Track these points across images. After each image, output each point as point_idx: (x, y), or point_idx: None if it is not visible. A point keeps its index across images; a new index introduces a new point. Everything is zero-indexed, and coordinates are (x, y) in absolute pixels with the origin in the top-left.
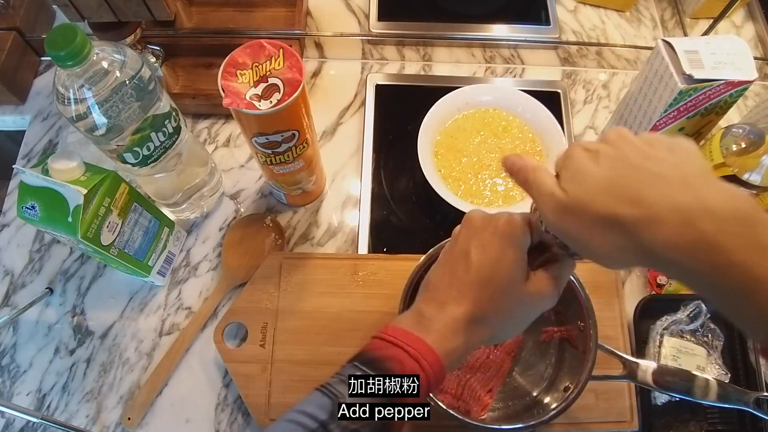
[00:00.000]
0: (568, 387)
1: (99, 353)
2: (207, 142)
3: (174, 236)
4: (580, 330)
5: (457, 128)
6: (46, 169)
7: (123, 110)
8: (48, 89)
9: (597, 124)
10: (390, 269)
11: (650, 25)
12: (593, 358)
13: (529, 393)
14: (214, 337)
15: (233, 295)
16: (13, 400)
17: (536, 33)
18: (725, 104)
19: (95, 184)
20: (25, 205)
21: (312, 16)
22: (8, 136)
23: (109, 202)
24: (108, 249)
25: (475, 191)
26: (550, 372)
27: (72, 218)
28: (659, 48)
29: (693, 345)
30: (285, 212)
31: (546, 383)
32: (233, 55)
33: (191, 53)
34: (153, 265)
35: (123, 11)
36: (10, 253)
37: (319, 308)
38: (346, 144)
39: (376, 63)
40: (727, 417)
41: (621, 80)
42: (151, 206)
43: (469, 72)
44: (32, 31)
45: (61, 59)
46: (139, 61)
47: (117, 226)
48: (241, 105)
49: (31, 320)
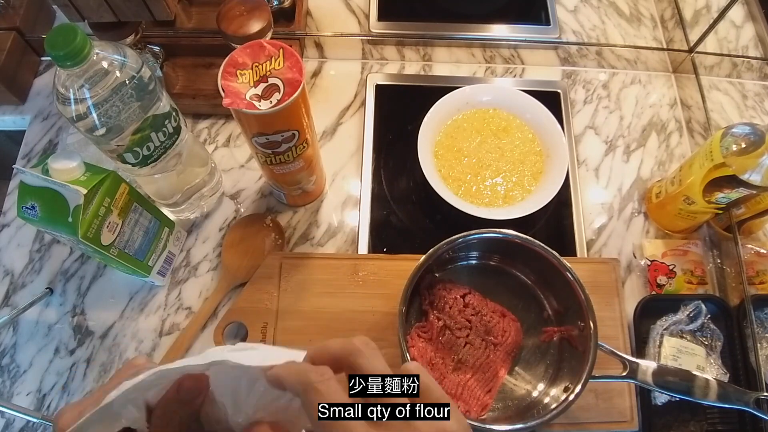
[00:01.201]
0: (569, 387)
1: (99, 353)
2: (207, 142)
3: (174, 236)
4: (580, 330)
5: (457, 128)
6: (46, 169)
7: (123, 110)
8: (48, 89)
9: (597, 124)
10: (390, 269)
11: (650, 25)
12: (593, 358)
13: (530, 393)
14: (214, 337)
15: (233, 295)
16: (13, 400)
17: (536, 33)
18: None
19: (95, 184)
20: (25, 205)
21: (312, 16)
22: (8, 136)
23: (109, 202)
24: (108, 249)
25: (475, 191)
26: (550, 372)
27: (72, 218)
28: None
29: (693, 345)
30: (285, 212)
31: (546, 383)
32: (233, 55)
33: (191, 53)
34: (153, 265)
35: (123, 11)
36: (10, 253)
37: (319, 308)
38: (346, 144)
39: (376, 63)
40: (727, 417)
41: (621, 80)
42: (152, 206)
43: (469, 72)
44: (32, 31)
45: (61, 59)
46: (139, 61)
47: (117, 226)
48: (241, 105)
49: (31, 320)
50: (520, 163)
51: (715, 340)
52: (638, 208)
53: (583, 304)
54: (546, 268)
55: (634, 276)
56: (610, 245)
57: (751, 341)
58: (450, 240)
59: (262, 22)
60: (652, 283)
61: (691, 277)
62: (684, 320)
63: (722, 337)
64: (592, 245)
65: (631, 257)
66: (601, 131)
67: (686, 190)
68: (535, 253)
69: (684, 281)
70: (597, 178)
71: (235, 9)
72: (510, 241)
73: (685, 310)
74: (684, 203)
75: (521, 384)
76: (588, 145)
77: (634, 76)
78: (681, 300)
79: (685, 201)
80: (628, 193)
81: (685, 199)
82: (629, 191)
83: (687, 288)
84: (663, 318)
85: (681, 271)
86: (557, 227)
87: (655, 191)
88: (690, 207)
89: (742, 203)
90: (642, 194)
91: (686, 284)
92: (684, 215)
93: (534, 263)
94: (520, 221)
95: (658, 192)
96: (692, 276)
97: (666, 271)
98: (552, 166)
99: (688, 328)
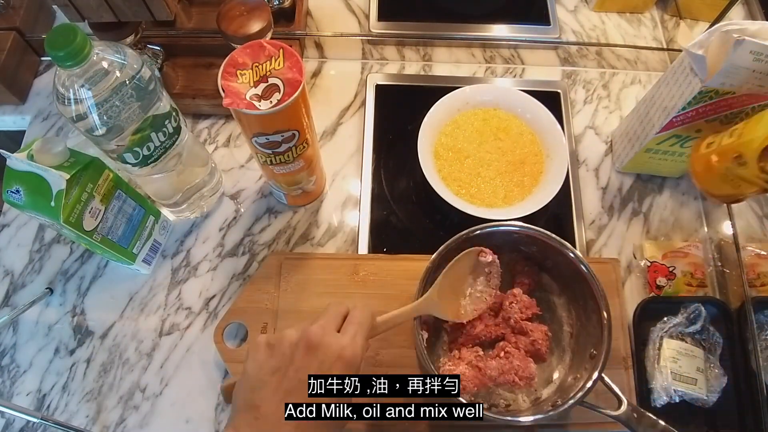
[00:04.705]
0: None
1: (99, 353)
2: (207, 142)
3: (160, 225)
4: (591, 356)
5: (457, 128)
6: (31, 155)
7: (123, 110)
8: (48, 89)
9: (597, 124)
10: (390, 269)
11: (650, 25)
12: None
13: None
14: (214, 337)
15: (233, 295)
16: (13, 400)
17: (536, 33)
18: (747, 116)
19: (78, 169)
20: (10, 189)
21: (312, 16)
22: (8, 136)
23: (92, 188)
24: (91, 235)
25: (475, 191)
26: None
27: (55, 203)
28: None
29: (693, 347)
30: (285, 212)
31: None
32: (233, 55)
33: (191, 53)
34: (138, 253)
35: (123, 11)
36: (10, 253)
37: (319, 308)
38: (346, 144)
39: (376, 63)
40: (728, 419)
41: (621, 80)
42: (136, 194)
43: (469, 72)
44: (32, 31)
45: (61, 59)
46: (139, 61)
47: (100, 212)
48: (241, 105)
49: (31, 320)
50: (520, 163)
51: (715, 343)
52: (638, 208)
53: (604, 327)
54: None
55: (633, 277)
56: (610, 245)
57: (751, 344)
58: (468, 230)
59: (262, 22)
60: (651, 284)
61: (691, 279)
62: (684, 322)
63: (722, 339)
64: (592, 245)
65: (631, 258)
66: (601, 131)
67: (742, 146)
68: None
69: (684, 283)
70: (597, 178)
71: (235, 9)
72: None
73: (685, 313)
74: (734, 162)
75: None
76: (588, 145)
77: (634, 76)
78: (681, 302)
79: (736, 160)
80: (628, 193)
81: (736, 157)
82: (629, 191)
83: (686, 290)
84: (663, 320)
85: (681, 273)
86: (557, 227)
87: (708, 140)
88: (738, 169)
89: None
90: (642, 194)
91: (686, 286)
92: (730, 178)
93: (559, 269)
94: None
95: (711, 142)
96: (692, 278)
97: (666, 272)
98: (552, 166)
99: (687, 330)
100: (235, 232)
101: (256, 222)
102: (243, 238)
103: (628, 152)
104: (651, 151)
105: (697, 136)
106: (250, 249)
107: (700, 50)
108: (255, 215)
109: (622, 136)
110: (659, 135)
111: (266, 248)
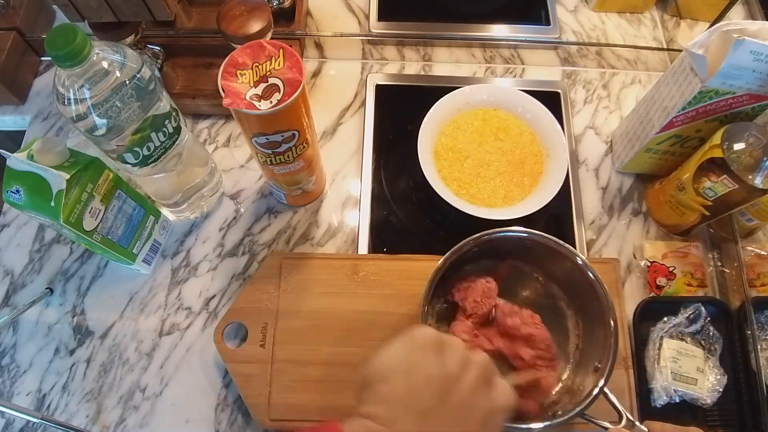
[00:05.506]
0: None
1: (99, 353)
2: (207, 142)
3: (160, 225)
4: (595, 370)
5: (457, 128)
6: (31, 155)
7: (123, 110)
8: (48, 89)
9: (597, 124)
10: (390, 269)
11: (650, 25)
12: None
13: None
14: (214, 337)
15: (233, 296)
16: (13, 400)
17: (536, 33)
18: (746, 116)
19: (78, 169)
20: (10, 189)
21: (312, 16)
22: (8, 136)
23: (92, 188)
24: (91, 235)
25: (475, 191)
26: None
27: (54, 203)
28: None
29: (692, 347)
30: (285, 212)
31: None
32: (233, 55)
33: (191, 53)
34: (138, 252)
35: (123, 11)
36: (10, 253)
37: (319, 308)
38: (346, 144)
39: (376, 63)
40: (727, 419)
41: (621, 80)
42: (136, 194)
43: (469, 72)
44: (32, 31)
45: (61, 59)
46: (139, 61)
47: (100, 212)
48: (241, 105)
49: (31, 320)
50: (520, 163)
51: (715, 343)
52: (638, 207)
53: (611, 348)
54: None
55: (633, 277)
56: (610, 245)
57: (751, 344)
58: (476, 236)
59: (262, 22)
60: (651, 284)
61: (691, 279)
62: (684, 322)
63: (722, 339)
64: (592, 245)
65: (631, 258)
66: (601, 131)
67: (682, 172)
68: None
69: (684, 283)
70: (597, 178)
71: (235, 9)
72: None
73: (685, 312)
74: (676, 189)
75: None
76: (588, 145)
77: (634, 76)
78: (681, 302)
79: (678, 186)
80: (628, 193)
81: (678, 184)
82: (629, 191)
83: (686, 290)
84: (663, 320)
85: (681, 273)
86: (557, 227)
87: (661, 180)
88: (680, 195)
89: (731, 203)
90: (641, 194)
91: (686, 286)
92: (674, 205)
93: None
94: (520, 221)
95: (663, 180)
96: (692, 278)
97: (666, 272)
98: (552, 166)
99: (687, 330)
100: (235, 232)
101: (256, 222)
102: (243, 238)
103: (628, 152)
104: (651, 151)
105: (697, 136)
106: (250, 249)
107: (700, 50)
108: (255, 215)
109: (622, 136)
110: (659, 135)
111: (266, 248)
